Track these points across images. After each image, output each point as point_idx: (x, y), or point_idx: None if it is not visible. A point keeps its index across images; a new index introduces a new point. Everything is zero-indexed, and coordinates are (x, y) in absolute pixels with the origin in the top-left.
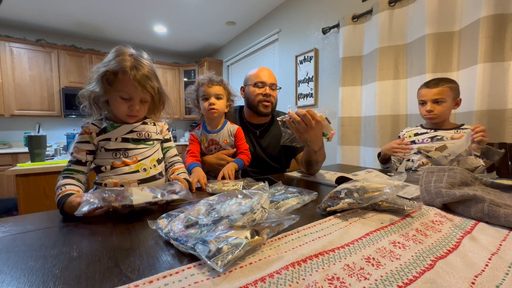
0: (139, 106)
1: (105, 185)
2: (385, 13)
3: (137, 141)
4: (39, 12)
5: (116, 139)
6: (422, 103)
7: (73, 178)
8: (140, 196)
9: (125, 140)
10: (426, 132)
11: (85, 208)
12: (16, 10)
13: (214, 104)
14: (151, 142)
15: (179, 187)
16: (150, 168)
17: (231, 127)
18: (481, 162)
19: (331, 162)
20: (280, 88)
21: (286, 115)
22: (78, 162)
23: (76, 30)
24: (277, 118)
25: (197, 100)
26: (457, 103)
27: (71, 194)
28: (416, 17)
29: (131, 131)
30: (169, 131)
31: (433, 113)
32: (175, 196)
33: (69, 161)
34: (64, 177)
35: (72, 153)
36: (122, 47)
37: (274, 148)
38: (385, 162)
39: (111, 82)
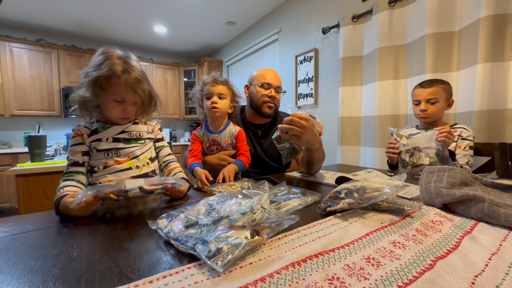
0: (131, 108)
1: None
2: (385, 13)
3: (128, 140)
4: (39, 12)
5: (107, 139)
6: (417, 103)
7: (73, 179)
8: (133, 182)
9: (116, 140)
10: (418, 133)
11: (79, 197)
12: (16, 10)
13: (216, 103)
14: (142, 141)
15: (176, 179)
16: (143, 165)
17: (233, 128)
18: (427, 162)
19: (331, 162)
20: (285, 92)
21: (276, 132)
22: (75, 163)
23: (76, 30)
24: (272, 137)
25: (202, 99)
26: (449, 104)
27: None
28: (416, 17)
29: (122, 132)
30: (161, 131)
31: (426, 113)
32: (169, 182)
33: (67, 165)
34: (64, 180)
35: (68, 157)
36: (108, 49)
37: (275, 149)
38: (394, 167)
39: (104, 87)
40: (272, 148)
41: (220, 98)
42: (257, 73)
